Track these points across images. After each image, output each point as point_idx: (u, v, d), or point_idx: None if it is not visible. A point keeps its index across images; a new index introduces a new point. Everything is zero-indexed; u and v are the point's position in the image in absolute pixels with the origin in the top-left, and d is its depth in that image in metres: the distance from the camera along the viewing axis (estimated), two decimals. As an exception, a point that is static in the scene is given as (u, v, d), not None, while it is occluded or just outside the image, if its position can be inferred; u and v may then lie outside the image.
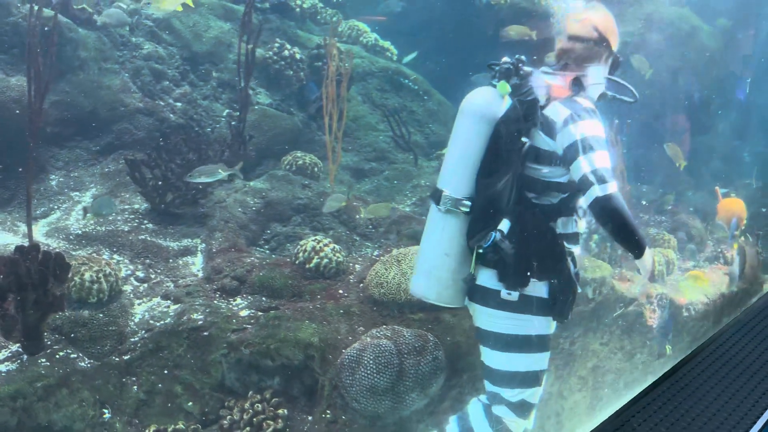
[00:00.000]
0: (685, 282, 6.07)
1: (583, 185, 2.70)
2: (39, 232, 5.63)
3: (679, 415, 3.27)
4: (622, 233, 2.76)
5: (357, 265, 5.44)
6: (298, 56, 8.19)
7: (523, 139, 2.84)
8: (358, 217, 6.57)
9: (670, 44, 8.84)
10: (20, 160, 5.87)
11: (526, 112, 2.87)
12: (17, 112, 5.98)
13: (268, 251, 6.03)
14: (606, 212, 2.65)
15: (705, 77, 9.43)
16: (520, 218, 2.89)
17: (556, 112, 2.84)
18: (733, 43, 10.09)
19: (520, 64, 2.96)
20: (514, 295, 2.90)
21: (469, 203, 2.92)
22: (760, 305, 5.45)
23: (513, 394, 3.15)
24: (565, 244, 2.96)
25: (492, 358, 3.13)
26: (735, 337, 4.64)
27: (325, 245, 5.22)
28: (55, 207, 6.04)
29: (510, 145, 2.85)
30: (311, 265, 5.09)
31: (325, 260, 5.09)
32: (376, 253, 5.89)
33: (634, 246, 2.80)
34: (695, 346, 4.34)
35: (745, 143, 10.70)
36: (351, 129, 8.17)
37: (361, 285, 4.95)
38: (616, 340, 5.47)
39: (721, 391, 3.76)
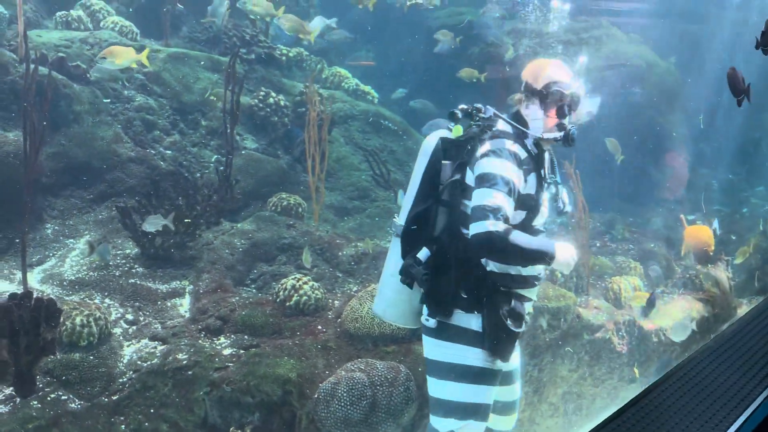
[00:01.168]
0: (634, 302, 6.12)
1: (471, 217, 2.73)
2: (34, 278, 5.75)
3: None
4: (511, 260, 2.78)
5: (336, 301, 5.55)
6: (282, 103, 8.41)
7: (456, 176, 2.92)
8: (340, 254, 6.71)
9: (630, 80, 9.14)
10: (17, 210, 6.03)
11: (446, 148, 2.98)
12: (14, 165, 6.13)
13: (254, 290, 6.14)
14: (484, 248, 2.68)
15: (665, 110, 9.69)
16: (441, 249, 2.92)
17: (481, 149, 2.89)
18: (689, 77, 10.42)
19: (475, 111, 3.07)
20: (432, 322, 2.90)
21: None
22: (730, 332, 5.54)
23: (443, 425, 3.02)
24: (502, 282, 2.90)
25: (428, 384, 3.12)
26: (703, 363, 4.74)
27: (305, 283, 5.34)
28: (50, 254, 6.17)
29: (431, 179, 2.96)
30: (291, 302, 5.21)
31: (305, 297, 5.22)
32: (355, 289, 6.00)
33: (536, 260, 2.78)
34: (664, 373, 4.44)
35: (713, 171, 10.92)
36: (334, 169, 8.36)
37: (339, 320, 5.06)
38: (584, 366, 5.56)
39: (685, 415, 3.86)
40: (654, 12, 10.97)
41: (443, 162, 3.00)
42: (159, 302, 5.60)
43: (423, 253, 2.94)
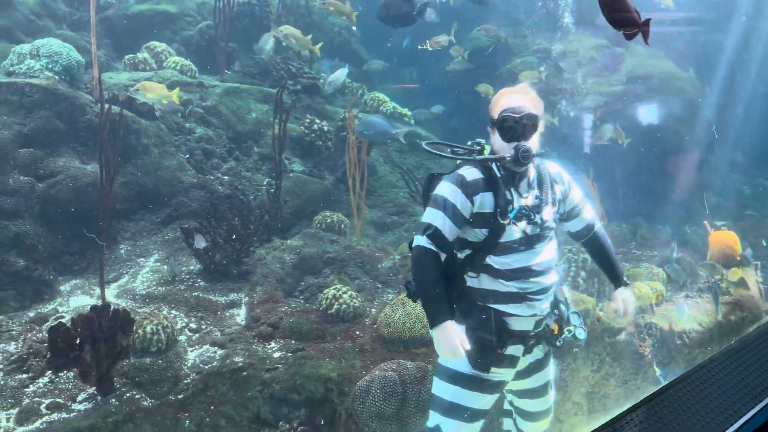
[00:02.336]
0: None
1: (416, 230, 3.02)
2: (111, 293, 6.35)
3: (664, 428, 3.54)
4: (418, 286, 2.97)
5: (374, 309, 5.93)
6: (326, 128, 8.90)
7: None
8: (379, 266, 7.09)
9: (654, 93, 9.21)
10: (96, 233, 6.67)
11: (433, 177, 3.24)
12: (92, 194, 6.77)
13: (302, 301, 6.59)
14: (412, 260, 2.94)
15: (690, 119, 9.70)
16: None
17: None
18: (712, 85, 10.37)
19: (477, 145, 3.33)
20: (431, 332, 3.08)
21: None
22: (755, 335, 5.60)
23: (432, 418, 3.22)
24: (477, 297, 3.03)
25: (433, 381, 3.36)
26: (724, 363, 4.85)
27: (344, 293, 5.74)
28: (124, 272, 6.77)
29: (424, 203, 3.22)
30: (332, 310, 5.62)
31: (344, 306, 5.62)
32: (392, 297, 6.36)
33: (425, 306, 2.97)
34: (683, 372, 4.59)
35: (744, 176, 10.80)
36: (374, 187, 8.77)
37: (374, 326, 5.44)
38: (607, 366, 5.74)
39: (700, 413, 4.01)
40: (675, 22, 10.97)
41: (432, 193, 3.18)
42: (218, 312, 6.10)
43: None
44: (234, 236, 6.74)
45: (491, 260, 3.01)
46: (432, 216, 2.95)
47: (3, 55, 7.68)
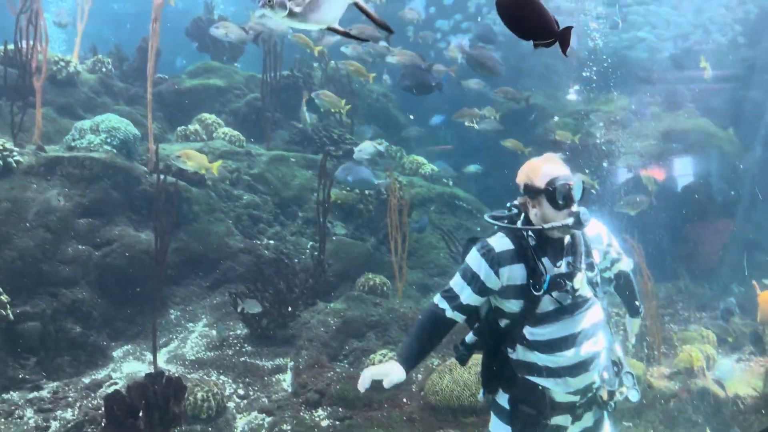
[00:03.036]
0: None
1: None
2: (161, 359, 6.43)
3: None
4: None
5: (419, 375, 5.85)
6: (366, 191, 9.02)
7: None
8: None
9: (692, 151, 9.13)
10: (148, 299, 6.82)
11: (467, 247, 3.16)
12: (146, 261, 6.95)
13: (347, 365, 6.54)
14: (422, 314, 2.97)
15: (730, 176, 9.55)
16: (478, 334, 3.13)
17: None
18: (752, 143, 10.24)
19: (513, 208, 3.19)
20: (481, 396, 3.06)
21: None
22: None
23: None
24: (519, 370, 2.97)
25: None
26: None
27: (390, 358, 5.68)
28: (174, 336, 6.87)
29: None
30: (379, 377, 5.55)
31: (391, 373, 5.55)
32: (436, 362, 6.27)
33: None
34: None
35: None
36: (415, 249, 8.78)
37: (421, 393, 5.35)
38: (660, 434, 5.50)
39: None
40: (711, 80, 10.94)
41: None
42: (265, 378, 6.10)
43: (469, 336, 3.17)
44: (280, 300, 6.80)
45: (528, 331, 2.93)
46: (455, 281, 2.96)
47: (65, 131, 8.10)
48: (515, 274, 2.91)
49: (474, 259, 2.92)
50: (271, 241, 8.23)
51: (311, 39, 9.46)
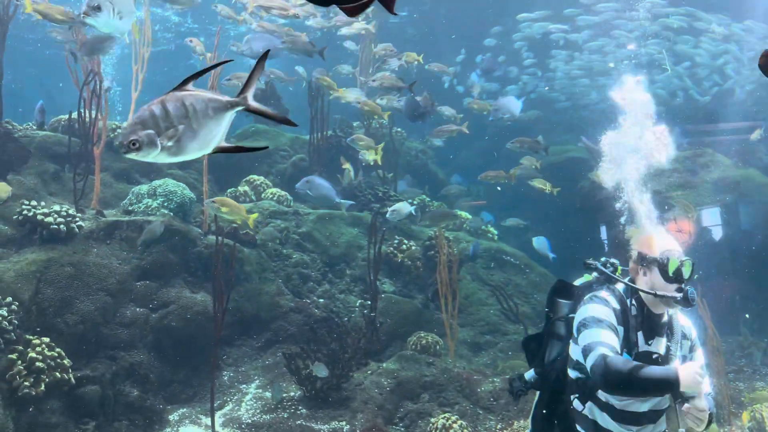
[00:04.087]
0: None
1: (584, 355, 2.77)
2: (217, 422, 6.29)
3: None
4: (632, 387, 2.64)
5: (483, 441, 5.60)
6: (413, 248, 8.95)
7: (568, 314, 3.08)
8: (479, 390, 6.79)
9: (741, 201, 8.90)
10: (202, 361, 6.77)
11: (560, 288, 3.17)
12: (201, 322, 6.93)
13: (402, 429, 6.32)
14: (603, 375, 2.63)
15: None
16: (543, 376, 3.10)
17: (585, 298, 3.03)
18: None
19: (607, 264, 3.13)
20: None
21: None
22: None
23: None
24: (580, 423, 2.93)
25: None
26: None
27: (454, 422, 5.49)
28: (228, 399, 6.75)
29: (546, 313, 3.20)
30: (442, 443, 5.34)
31: (454, 438, 5.33)
32: (499, 426, 6.02)
33: (659, 385, 2.62)
34: None
35: None
36: (464, 305, 8.60)
37: (488, 460, 5.10)
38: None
39: None
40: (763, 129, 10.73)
41: (558, 300, 3.17)
42: (322, 442, 5.92)
43: (529, 374, 3.16)
44: (334, 361, 6.67)
45: (603, 395, 2.87)
46: (605, 334, 2.78)
47: (123, 195, 8.28)
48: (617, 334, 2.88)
49: (600, 310, 2.87)
50: (321, 300, 8.16)
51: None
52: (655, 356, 2.89)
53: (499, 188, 9.56)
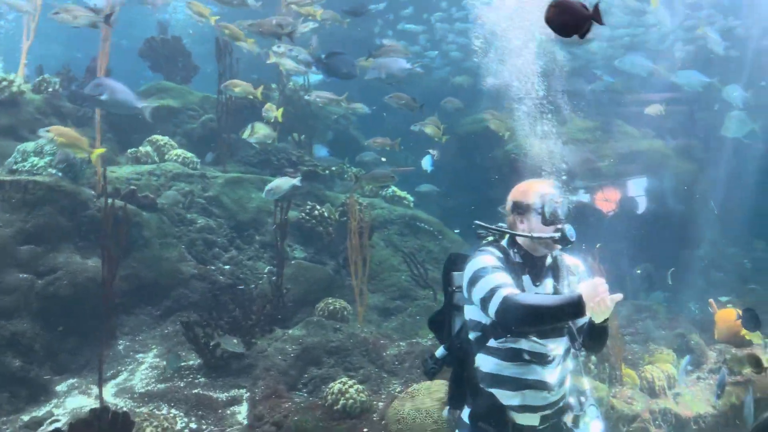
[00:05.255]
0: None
1: (484, 305, 2.82)
2: (109, 392, 6.13)
3: None
4: (539, 318, 2.70)
5: (380, 403, 5.71)
6: (326, 214, 8.92)
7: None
8: (385, 354, 6.90)
9: (646, 171, 9.36)
10: (94, 330, 6.52)
11: (454, 260, 3.21)
12: (92, 289, 6.66)
13: (305, 394, 6.35)
14: (508, 315, 2.68)
15: (685, 194, 9.81)
16: (449, 348, 3.17)
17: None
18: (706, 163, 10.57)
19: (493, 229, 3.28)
20: (446, 412, 3.02)
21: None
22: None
23: None
24: (483, 382, 3.00)
25: None
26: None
27: (350, 386, 5.55)
28: (122, 368, 6.57)
29: (444, 287, 3.22)
30: (338, 406, 5.40)
31: (350, 401, 5.41)
32: (399, 388, 6.15)
33: (564, 311, 2.66)
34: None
35: (743, 251, 10.78)
36: (376, 272, 8.68)
37: (383, 422, 5.21)
38: (625, 457, 5.49)
39: None
40: (670, 101, 11.24)
41: (453, 273, 3.20)
42: (219, 410, 5.87)
43: (439, 351, 3.20)
44: (236, 328, 6.60)
45: (501, 343, 2.95)
46: (497, 277, 2.82)
47: (7, 154, 7.77)
48: None
49: (485, 259, 2.93)
50: (227, 267, 8.02)
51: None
52: None
53: (383, 159, 9.52)
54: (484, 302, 2.81)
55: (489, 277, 2.85)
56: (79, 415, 5.18)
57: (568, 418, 3.04)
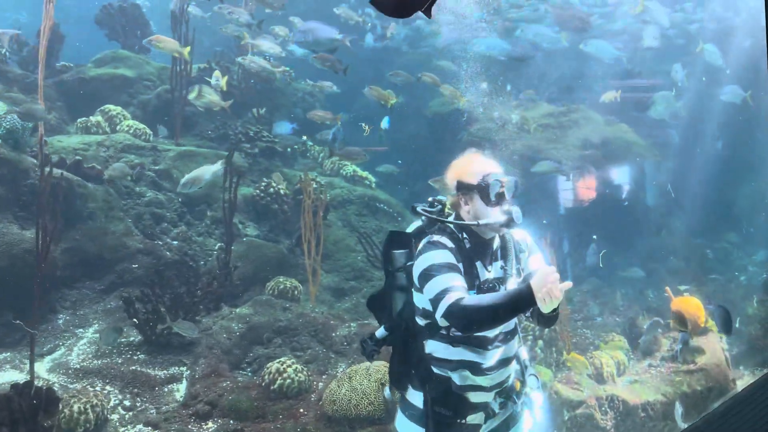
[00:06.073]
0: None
1: (433, 308, 2.75)
2: (43, 368, 5.99)
3: None
4: (488, 320, 2.67)
5: (321, 383, 5.66)
6: (282, 191, 8.79)
7: (406, 263, 3.02)
8: (334, 335, 6.85)
9: (610, 158, 9.38)
10: (31, 303, 6.35)
11: (394, 239, 3.10)
12: (30, 261, 6.49)
13: (249, 374, 6.29)
14: (456, 321, 2.66)
15: (647, 183, 9.88)
16: (393, 329, 3.09)
17: (420, 247, 2.96)
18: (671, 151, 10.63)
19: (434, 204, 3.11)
20: (388, 394, 2.97)
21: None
22: (723, 410, 5.44)
23: None
24: (436, 366, 2.94)
25: None
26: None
27: (288, 366, 5.48)
28: (60, 343, 6.43)
29: (385, 266, 3.12)
30: (275, 386, 5.34)
31: (288, 381, 5.35)
32: (341, 369, 6.11)
33: (515, 307, 2.62)
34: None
35: (706, 240, 10.89)
36: (331, 251, 8.61)
37: (320, 403, 5.17)
38: (567, 442, 5.51)
39: None
40: (635, 89, 11.27)
41: (393, 252, 3.11)
42: (156, 388, 5.77)
43: (380, 332, 3.12)
44: (178, 305, 6.49)
45: (452, 330, 2.89)
46: (446, 280, 2.73)
47: (-54, 118, 7.50)
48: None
49: (437, 256, 2.82)
50: (175, 242, 7.87)
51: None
52: (493, 283, 2.92)
53: (330, 136, 9.43)
54: (434, 303, 2.76)
55: (439, 278, 2.78)
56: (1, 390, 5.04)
57: (516, 385, 3.05)
